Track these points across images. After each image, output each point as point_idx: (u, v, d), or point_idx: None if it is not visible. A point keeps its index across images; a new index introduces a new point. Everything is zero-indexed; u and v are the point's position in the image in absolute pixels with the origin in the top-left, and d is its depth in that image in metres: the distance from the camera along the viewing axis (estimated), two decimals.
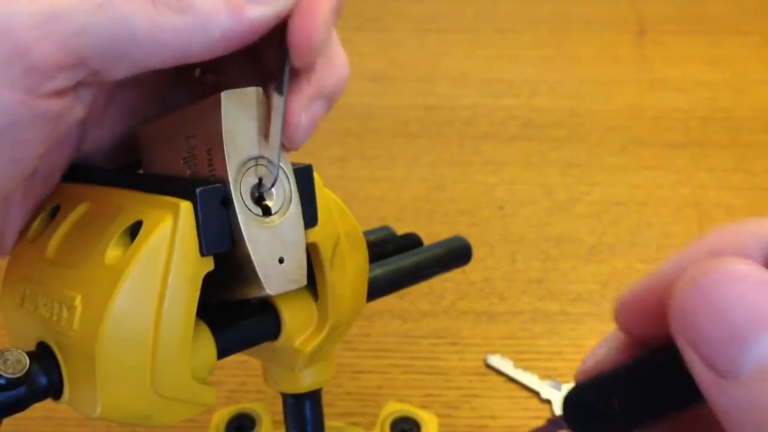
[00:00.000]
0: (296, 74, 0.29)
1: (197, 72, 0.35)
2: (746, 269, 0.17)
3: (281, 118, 0.29)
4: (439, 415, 0.50)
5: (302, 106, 0.30)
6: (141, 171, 0.34)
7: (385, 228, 0.43)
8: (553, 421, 0.19)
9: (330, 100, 0.31)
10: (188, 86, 0.35)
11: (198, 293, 0.28)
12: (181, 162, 0.30)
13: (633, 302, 0.20)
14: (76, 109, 0.28)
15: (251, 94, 0.29)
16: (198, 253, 0.28)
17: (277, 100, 0.29)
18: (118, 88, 0.32)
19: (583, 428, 0.22)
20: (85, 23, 0.26)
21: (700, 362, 0.17)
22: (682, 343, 0.18)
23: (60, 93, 0.27)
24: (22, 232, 0.32)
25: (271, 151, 0.29)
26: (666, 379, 0.20)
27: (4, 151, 0.27)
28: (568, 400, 0.22)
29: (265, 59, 0.31)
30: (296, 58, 0.29)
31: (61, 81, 0.27)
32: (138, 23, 0.26)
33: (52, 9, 0.26)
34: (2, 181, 0.28)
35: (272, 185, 0.29)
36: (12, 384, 0.27)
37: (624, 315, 0.20)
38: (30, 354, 0.27)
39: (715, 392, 0.17)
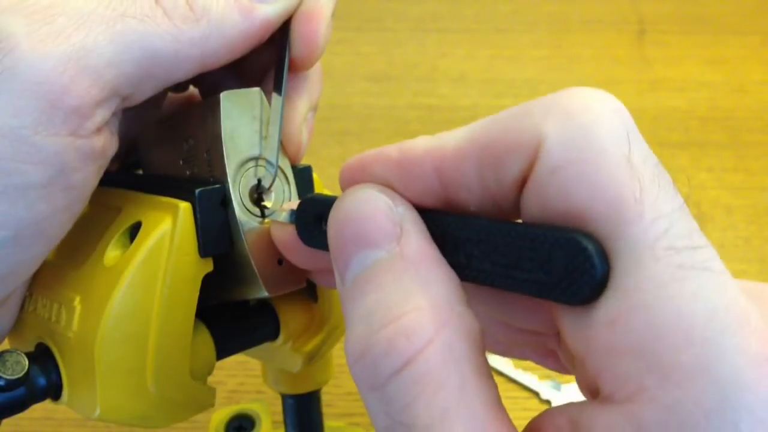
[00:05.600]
0: (290, 90, 0.29)
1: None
2: (367, 196, 0.21)
3: (280, 119, 0.29)
4: None
5: (300, 122, 0.30)
6: (140, 171, 0.34)
7: None
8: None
9: (316, 107, 0.31)
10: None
11: (197, 294, 0.28)
12: (181, 162, 0.30)
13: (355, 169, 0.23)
14: (113, 142, 0.28)
15: (250, 94, 0.29)
16: (197, 254, 0.28)
17: (275, 101, 0.29)
18: None
19: (306, 237, 0.25)
20: (113, 52, 0.25)
21: (333, 264, 0.22)
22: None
23: (100, 129, 0.26)
24: None
25: (270, 151, 0.29)
26: None
27: (60, 200, 0.26)
28: (298, 209, 0.25)
29: (247, 64, 0.31)
30: (302, 58, 0.29)
31: (100, 117, 0.26)
32: (157, 41, 0.26)
33: (80, 44, 0.25)
34: (61, 230, 0.27)
35: (271, 186, 0.29)
36: (11, 385, 0.27)
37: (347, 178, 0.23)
38: (29, 355, 0.27)
39: (338, 289, 0.22)
